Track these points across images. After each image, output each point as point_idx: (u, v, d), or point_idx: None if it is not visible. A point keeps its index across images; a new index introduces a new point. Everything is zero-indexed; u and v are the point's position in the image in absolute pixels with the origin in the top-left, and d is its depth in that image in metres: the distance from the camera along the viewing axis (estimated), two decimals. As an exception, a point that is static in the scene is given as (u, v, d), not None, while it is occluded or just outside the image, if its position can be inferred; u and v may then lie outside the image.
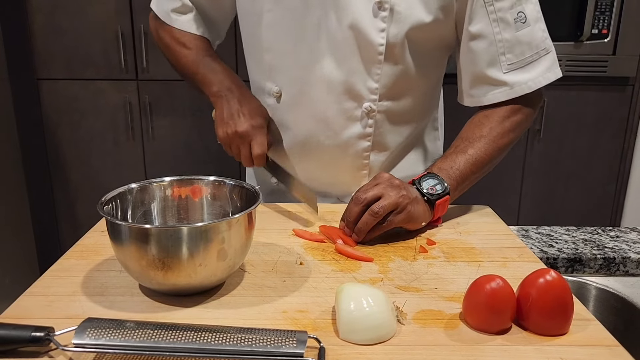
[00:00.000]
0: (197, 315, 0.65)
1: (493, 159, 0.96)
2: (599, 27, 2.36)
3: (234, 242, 0.68)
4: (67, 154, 2.45)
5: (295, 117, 1.02)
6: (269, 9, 0.97)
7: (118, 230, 0.66)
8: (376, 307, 0.61)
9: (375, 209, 0.83)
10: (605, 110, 2.49)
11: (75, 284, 0.72)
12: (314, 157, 1.04)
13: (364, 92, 0.98)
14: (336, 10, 0.93)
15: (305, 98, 1.00)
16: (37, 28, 2.29)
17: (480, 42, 0.95)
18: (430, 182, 0.90)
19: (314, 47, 0.96)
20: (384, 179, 0.88)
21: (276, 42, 0.99)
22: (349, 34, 0.93)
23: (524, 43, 0.94)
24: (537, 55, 0.96)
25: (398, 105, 1.01)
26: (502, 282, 0.62)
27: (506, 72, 0.95)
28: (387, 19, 0.92)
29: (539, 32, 0.95)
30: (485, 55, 0.95)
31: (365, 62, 0.95)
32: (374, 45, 0.94)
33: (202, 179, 0.81)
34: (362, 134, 1.01)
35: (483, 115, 0.98)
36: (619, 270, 0.94)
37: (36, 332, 0.57)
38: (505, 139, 0.96)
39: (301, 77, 0.98)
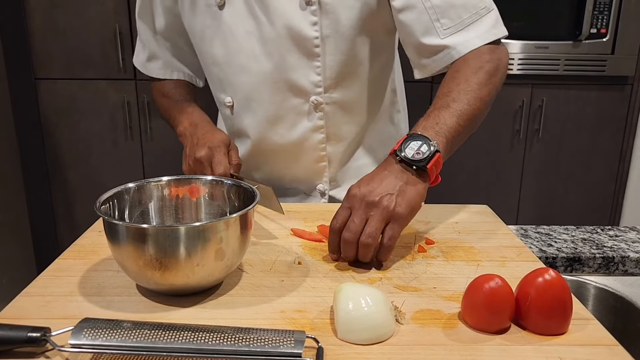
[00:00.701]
0: (194, 315, 0.65)
1: (478, 111, 0.89)
2: (597, 26, 2.36)
3: (232, 242, 0.67)
4: (65, 154, 2.45)
5: (249, 123, 1.05)
6: (208, 24, 1.01)
7: (115, 230, 0.65)
8: (374, 306, 0.60)
9: (366, 241, 0.74)
10: (604, 110, 2.49)
11: (72, 284, 0.72)
12: (274, 158, 1.07)
13: (308, 87, 1.00)
14: (266, 14, 0.96)
15: (254, 103, 1.02)
16: (35, 28, 2.29)
17: (408, 13, 0.93)
18: (414, 146, 0.80)
19: (251, 53, 0.99)
20: (357, 200, 0.77)
21: (219, 55, 1.02)
22: (283, 32, 0.95)
23: (458, 6, 0.92)
24: (476, 15, 0.93)
25: (346, 94, 1.03)
26: (501, 282, 0.62)
27: (444, 37, 0.92)
28: (317, 11, 0.94)
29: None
30: (417, 25, 0.93)
31: (304, 58, 0.97)
32: (309, 40, 0.96)
33: (200, 179, 0.81)
34: (314, 127, 1.03)
35: (454, 70, 0.92)
36: (618, 269, 0.94)
37: (33, 333, 0.56)
38: (485, 88, 0.90)
39: (246, 83, 1.01)
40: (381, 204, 0.76)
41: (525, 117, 2.48)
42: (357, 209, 0.76)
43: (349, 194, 0.79)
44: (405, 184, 0.78)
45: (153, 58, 1.17)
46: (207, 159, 0.94)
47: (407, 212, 0.77)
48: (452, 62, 0.93)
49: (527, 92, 2.45)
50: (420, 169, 0.79)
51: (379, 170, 0.81)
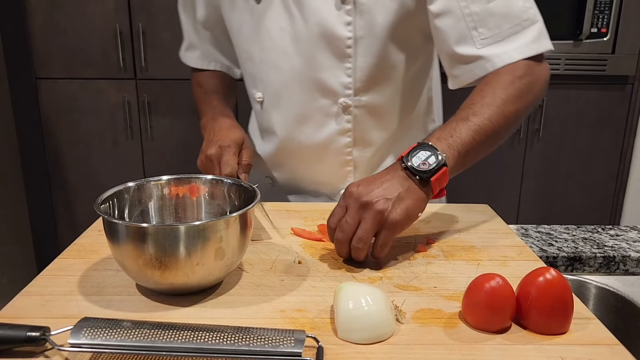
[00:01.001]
0: (194, 315, 0.65)
1: (500, 129, 0.85)
2: (598, 25, 2.36)
3: (232, 241, 0.67)
4: (66, 154, 2.45)
5: (277, 120, 1.04)
6: (245, 20, 1.00)
7: (115, 229, 0.65)
8: (375, 306, 0.60)
9: (357, 245, 0.74)
10: (604, 109, 2.49)
11: (71, 284, 0.71)
12: (298, 158, 1.05)
13: (337, 88, 0.98)
14: (301, 11, 0.94)
15: (283, 100, 1.01)
16: (36, 27, 2.29)
17: (445, 19, 0.89)
18: (422, 156, 0.78)
19: (283, 50, 0.98)
20: (353, 199, 0.76)
21: (254, 51, 1.02)
22: (316, 31, 0.94)
23: (498, 15, 0.87)
24: (518, 27, 0.88)
25: (377, 98, 1.00)
26: (502, 281, 0.61)
27: (481, 47, 0.88)
28: (352, 11, 0.92)
29: (518, 2, 0.88)
30: (453, 32, 0.89)
31: (335, 58, 0.95)
32: (342, 40, 0.93)
33: (200, 178, 0.80)
34: (341, 130, 1.01)
35: (484, 82, 0.88)
36: (618, 269, 0.94)
37: (32, 332, 0.56)
38: (511, 106, 0.85)
39: (276, 80, 1.00)
40: (375, 207, 0.74)
41: (526, 116, 2.48)
42: (351, 209, 0.75)
43: (346, 192, 0.78)
44: (406, 192, 0.76)
45: (191, 48, 1.18)
46: (216, 158, 0.92)
47: (402, 220, 0.75)
48: (484, 75, 0.89)
49: (528, 91, 2.45)
50: (424, 180, 0.77)
51: (382, 173, 0.80)
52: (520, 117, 0.89)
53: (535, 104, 0.91)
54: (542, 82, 0.90)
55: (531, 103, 0.89)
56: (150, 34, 2.31)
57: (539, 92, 0.90)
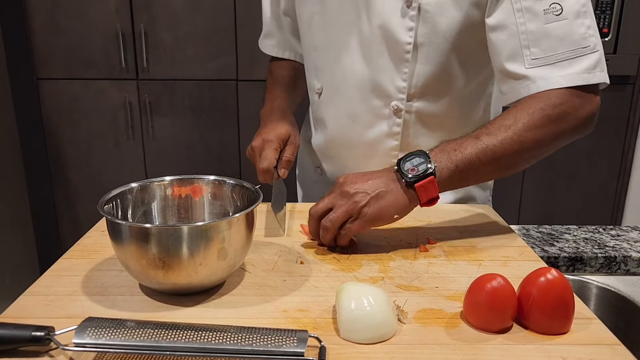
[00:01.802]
0: (197, 315, 0.65)
1: (512, 154, 0.83)
2: (599, 26, 2.36)
3: (235, 242, 0.68)
4: (67, 154, 2.45)
5: (331, 114, 1.06)
6: (316, 11, 1.03)
7: (118, 230, 0.66)
8: (377, 306, 0.61)
9: (325, 224, 0.80)
10: (606, 109, 2.46)
11: (75, 284, 0.72)
12: (346, 154, 1.07)
13: (391, 91, 0.98)
14: (367, 10, 0.95)
15: (339, 95, 1.03)
16: (37, 27, 2.29)
17: (500, 33, 0.87)
18: (415, 162, 0.80)
19: (346, 45, 0.99)
20: (336, 187, 0.82)
21: (320, 42, 1.04)
22: (378, 32, 0.95)
23: (554, 37, 0.84)
24: (574, 52, 0.84)
25: (431, 106, 0.99)
26: (503, 281, 0.62)
27: (529, 67, 0.85)
28: (415, 17, 0.91)
29: (580, 28, 0.84)
30: (504, 48, 0.87)
31: (393, 61, 0.96)
32: (402, 44, 0.94)
33: (203, 179, 0.81)
34: (389, 132, 1.01)
35: (514, 106, 0.87)
36: (620, 269, 0.94)
37: (36, 332, 0.57)
38: (531, 133, 0.82)
39: (337, 74, 1.02)
40: (352, 198, 0.80)
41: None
42: (332, 194, 0.82)
43: (335, 180, 0.84)
44: (386, 192, 0.80)
45: (269, 36, 1.22)
46: (258, 150, 0.98)
47: (372, 216, 0.79)
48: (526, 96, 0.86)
49: (529, 91, 2.45)
50: (409, 184, 0.80)
51: (375, 171, 0.85)
52: (545, 147, 0.86)
53: (571, 136, 0.87)
54: (582, 115, 0.85)
55: (562, 134, 0.85)
56: (152, 34, 2.31)
57: (576, 124, 0.85)
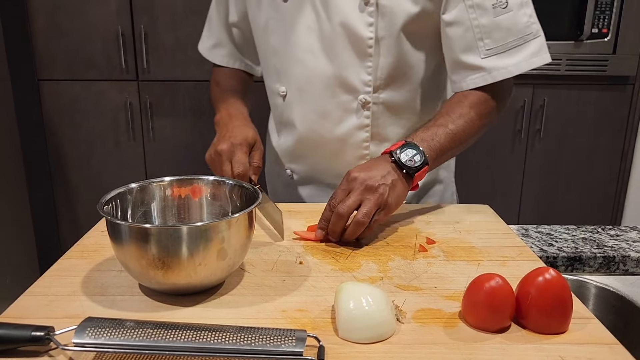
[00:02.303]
0: (197, 315, 0.66)
1: (468, 139, 0.97)
2: (599, 26, 2.36)
3: (234, 242, 0.68)
4: (68, 155, 2.45)
5: (298, 114, 1.07)
6: (271, 16, 1.04)
7: (118, 230, 0.66)
8: (375, 305, 0.61)
9: (362, 219, 0.82)
10: (605, 110, 2.49)
11: (75, 284, 0.72)
12: (318, 152, 1.09)
13: (358, 85, 1.02)
14: (326, 10, 0.98)
15: (306, 95, 1.05)
16: (38, 29, 2.30)
17: (456, 28, 0.96)
18: (409, 153, 0.88)
19: (308, 46, 1.02)
20: (358, 183, 0.85)
21: (279, 46, 1.05)
22: (339, 30, 0.98)
23: (504, 28, 0.94)
24: (521, 40, 0.94)
25: (395, 96, 1.04)
26: (501, 281, 0.62)
27: (484, 57, 0.95)
28: (374, 13, 0.96)
29: (523, 18, 0.94)
30: (460, 42, 0.96)
31: (357, 56, 1.00)
32: (364, 40, 0.98)
33: (202, 179, 0.81)
34: (360, 125, 1.05)
35: (462, 95, 0.98)
36: (618, 269, 0.94)
37: (36, 332, 0.57)
38: (480, 121, 0.96)
39: (301, 75, 1.04)
40: (378, 190, 0.84)
41: (527, 117, 2.48)
42: (356, 190, 0.84)
43: (349, 177, 0.86)
44: (397, 181, 0.87)
45: (219, 45, 1.21)
46: (227, 154, 0.95)
47: (395, 204, 0.86)
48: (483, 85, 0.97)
49: (529, 92, 2.45)
50: (408, 174, 0.87)
51: (374, 162, 0.89)
52: (485, 129, 1.01)
53: (494, 122, 1.03)
54: (506, 103, 1.02)
55: (494, 121, 1.02)
56: (152, 35, 2.32)
57: (502, 111, 1.02)
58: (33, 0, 2.26)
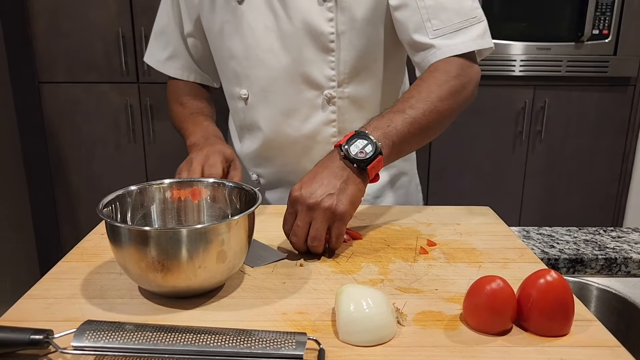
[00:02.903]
0: (196, 317, 0.65)
1: (433, 123, 0.91)
2: (599, 27, 2.36)
3: (234, 244, 0.68)
4: (69, 157, 2.45)
5: (263, 115, 1.07)
6: (227, 20, 1.03)
7: (117, 233, 0.66)
8: (376, 308, 0.60)
9: (313, 243, 0.79)
10: (606, 111, 2.49)
11: (74, 287, 0.72)
12: (286, 152, 1.09)
13: (322, 81, 1.02)
14: (285, 9, 0.99)
15: (270, 95, 1.04)
16: (39, 31, 2.30)
17: (403, 11, 0.97)
18: (359, 144, 0.82)
19: (268, 46, 1.01)
20: (299, 203, 0.79)
21: (237, 49, 1.04)
22: (300, 27, 0.98)
23: (449, 9, 0.95)
24: (466, 22, 0.96)
25: (360, 90, 1.05)
26: (503, 283, 0.62)
27: (433, 37, 0.96)
28: (333, 8, 0.97)
29: (467, 2, 0.97)
30: (410, 23, 0.97)
31: (319, 52, 1.00)
32: (325, 35, 0.99)
33: (202, 181, 0.81)
34: (326, 120, 1.05)
35: (420, 79, 0.95)
36: (620, 270, 0.94)
37: (35, 335, 0.56)
38: (444, 102, 0.91)
39: (263, 76, 1.03)
40: (322, 205, 0.78)
41: (528, 118, 2.48)
42: (300, 212, 0.79)
43: (290, 198, 0.81)
44: (345, 182, 0.81)
45: (174, 57, 1.18)
46: (199, 160, 0.92)
47: (348, 209, 0.80)
48: (433, 63, 0.96)
49: (530, 93, 2.45)
50: (360, 168, 0.82)
51: (320, 168, 0.83)
52: (453, 114, 0.95)
53: (467, 104, 0.98)
54: (473, 84, 0.98)
55: (463, 102, 0.96)
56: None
57: (470, 93, 0.97)
58: (33, 3, 2.27)
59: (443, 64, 0.95)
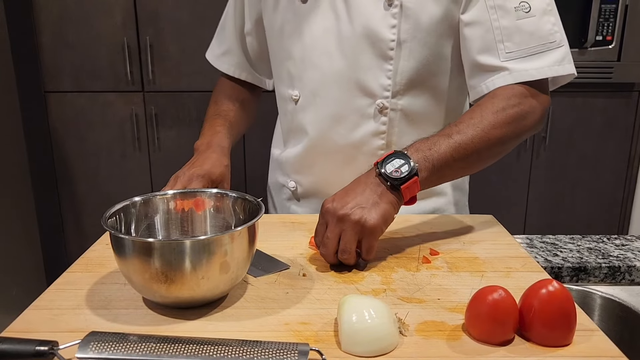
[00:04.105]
0: (200, 328, 0.66)
1: (480, 150, 0.88)
2: (603, 33, 2.36)
3: (237, 255, 0.68)
4: (74, 166, 2.47)
5: (311, 119, 1.04)
6: (288, 19, 1.02)
7: (121, 244, 0.66)
8: (378, 319, 0.61)
9: (343, 256, 0.79)
10: (611, 117, 2.49)
11: (79, 297, 0.72)
12: (329, 159, 1.05)
13: (376, 89, 0.98)
14: (348, 11, 0.96)
15: (320, 99, 1.02)
16: (45, 41, 2.32)
17: (474, 28, 0.93)
18: (396, 163, 0.82)
19: (325, 48, 0.99)
20: (330, 215, 0.80)
21: (294, 50, 1.03)
22: (360, 31, 0.96)
23: (525, 32, 0.91)
24: (543, 47, 0.91)
25: (414, 103, 1.01)
26: (504, 293, 0.62)
27: (504, 60, 0.91)
28: (398, 14, 0.94)
29: (547, 25, 0.92)
30: (478, 42, 0.93)
31: (377, 59, 0.97)
32: (385, 42, 0.95)
33: (205, 192, 0.81)
34: (376, 131, 1.01)
35: (477, 104, 0.92)
36: (624, 279, 0.94)
37: (40, 346, 0.57)
38: (497, 130, 0.88)
39: (316, 78, 1.01)
40: (352, 218, 0.78)
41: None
42: (330, 224, 0.79)
43: (322, 209, 0.81)
44: (379, 197, 0.81)
45: (229, 53, 1.18)
46: (183, 182, 0.92)
47: (379, 224, 0.79)
48: (495, 88, 0.92)
49: (534, 99, 2.45)
50: (394, 186, 0.81)
51: (355, 183, 0.84)
52: (507, 144, 0.91)
53: (528, 134, 0.94)
54: (538, 113, 0.92)
55: (522, 132, 0.92)
56: (157, 46, 2.34)
57: (533, 122, 0.92)
58: (40, 14, 2.29)
59: (504, 90, 0.91)
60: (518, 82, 0.91)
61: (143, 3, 2.30)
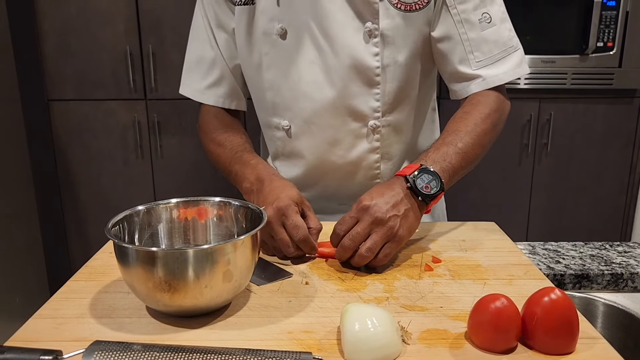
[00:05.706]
0: (203, 337, 0.66)
1: (477, 156, 0.97)
2: (604, 40, 2.37)
3: (240, 263, 0.68)
4: (77, 174, 2.48)
5: (307, 145, 1.07)
6: (266, 52, 1.03)
7: (125, 253, 0.67)
8: (380, 327, 0.61)
9: (365, 254, 0.80)
10: (612, 123, 2.49)
11: (83, 306, 0.73)
12: (330, 177, 1.10)
13: (367, 112, 1.03)
14: (331, 45, 0.99)
15: (314, 126, 1.05)
16: (48, 50, 2.34)
17: (447, 43, 1.01)
18: (425, 179, 0.86)
19: (312, 79, 1.02)
20: (367, 214, 0.81)
21: (276, 81, 1.05)
22: (346, 62, 0.99)
23: (490, 41, 1.00)
24: (505, 52, 1.01)
25: (399, 117, 1.07)
26: (507, 301, 0.62)
27: (476, 69, 1.01)
28: (380, 43, 0.99)
29: (505, 32, 1.01)
30: (454, 55, 1.01)
31: (365, 85, 1.01)
32: (371, 69, 1.00)
33: (208, 200, 0.82)
34: (371, 148, 1.07)
35: (464, 112, 1.00)
36: (627, 286, 0.94)
37: (44, 356, 0.57)
38: (487, 136, 0.98)
39: (307, 108, 1.04)
40: (387, 223, 0.82)
41: (534, 131, 2.48)
42: (364, 221, 0.82)
43: (359, 205, 0.83)
44: (410, 209, 0.85)
45: (219, 84, 1.12)
46: (276, 220, 0.85)
47: (406, 235, 0.84)
48: (473, 93, 1.01)
49: (535, 106, 2.45)
50: (424, 201, 0.86)
51: (388, 188, 0.86)
52: (490, 145, 1.01)
53: (497, 135, 1.04)
54: (505, 116, 1.05)
55: (497, 134, 1.03)
56: (160, 55, 2.35)
57: (502, 125, 1.04)
58: (43, 23, 2.31)
59: (483, 97, 1.01)
60: (491, 87, 1.01)
61: (145, 11, 2.31)
